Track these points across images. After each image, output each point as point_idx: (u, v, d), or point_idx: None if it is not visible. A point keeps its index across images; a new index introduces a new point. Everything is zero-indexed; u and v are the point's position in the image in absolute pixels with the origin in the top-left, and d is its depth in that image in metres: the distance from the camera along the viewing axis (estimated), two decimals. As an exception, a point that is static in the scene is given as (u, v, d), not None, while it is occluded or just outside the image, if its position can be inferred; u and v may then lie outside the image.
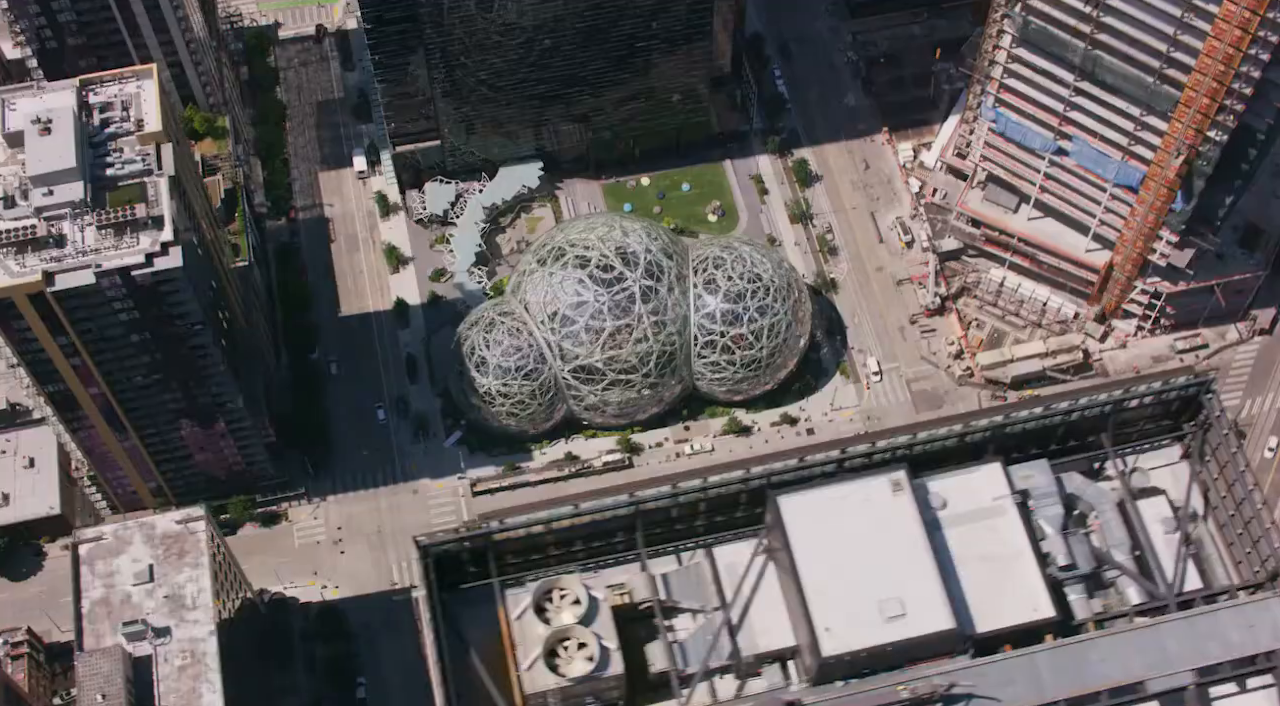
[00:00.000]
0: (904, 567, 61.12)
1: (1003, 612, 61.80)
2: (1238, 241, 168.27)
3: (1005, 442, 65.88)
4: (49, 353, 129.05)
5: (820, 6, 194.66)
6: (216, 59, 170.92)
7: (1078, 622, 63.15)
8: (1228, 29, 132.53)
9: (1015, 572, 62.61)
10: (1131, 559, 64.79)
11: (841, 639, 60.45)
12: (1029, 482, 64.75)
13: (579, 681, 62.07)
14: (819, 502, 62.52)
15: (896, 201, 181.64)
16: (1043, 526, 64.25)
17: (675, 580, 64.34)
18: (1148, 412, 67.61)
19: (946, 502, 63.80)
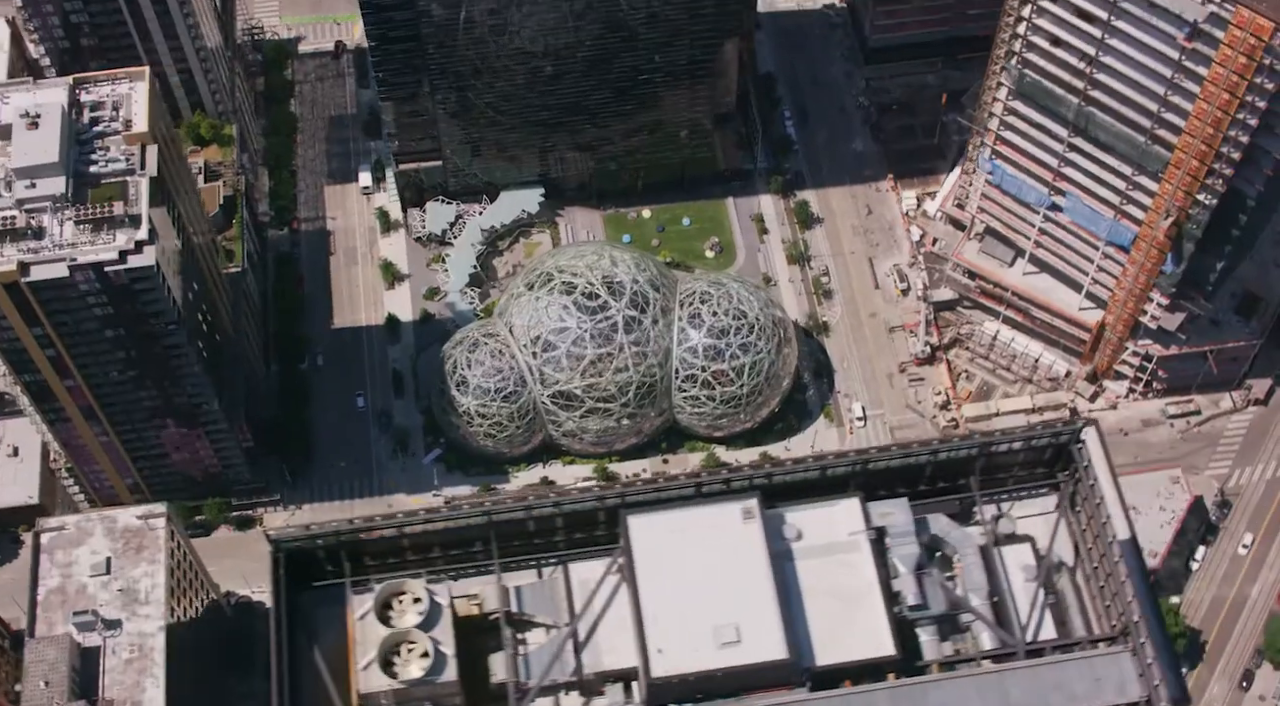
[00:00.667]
0: (745, 595, 61.03)
1: (844, 647, 61.49)
2: (1235, 309, 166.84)
3: (871, 480, 65.78)
4: (24, 342, 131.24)
5: (836, 51, 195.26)
6: (230, 68, 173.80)
7: (924, 663, 62.75)
8: (1216, 92, 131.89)
9: (862, 609, 62.36)
10: (988, 604, 64.32)
11: (673, 661, 60.40)
12: (887, 520, 64.53)
13: (411, 684, 62.45)
14: (668, 524, 62.61)
15: (896, 249, 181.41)
16: (896, 565, 63.95)
17: (528, 593, 64.69)
18: (1020, 459, 67.30)
19: (801, 534, 63.68)
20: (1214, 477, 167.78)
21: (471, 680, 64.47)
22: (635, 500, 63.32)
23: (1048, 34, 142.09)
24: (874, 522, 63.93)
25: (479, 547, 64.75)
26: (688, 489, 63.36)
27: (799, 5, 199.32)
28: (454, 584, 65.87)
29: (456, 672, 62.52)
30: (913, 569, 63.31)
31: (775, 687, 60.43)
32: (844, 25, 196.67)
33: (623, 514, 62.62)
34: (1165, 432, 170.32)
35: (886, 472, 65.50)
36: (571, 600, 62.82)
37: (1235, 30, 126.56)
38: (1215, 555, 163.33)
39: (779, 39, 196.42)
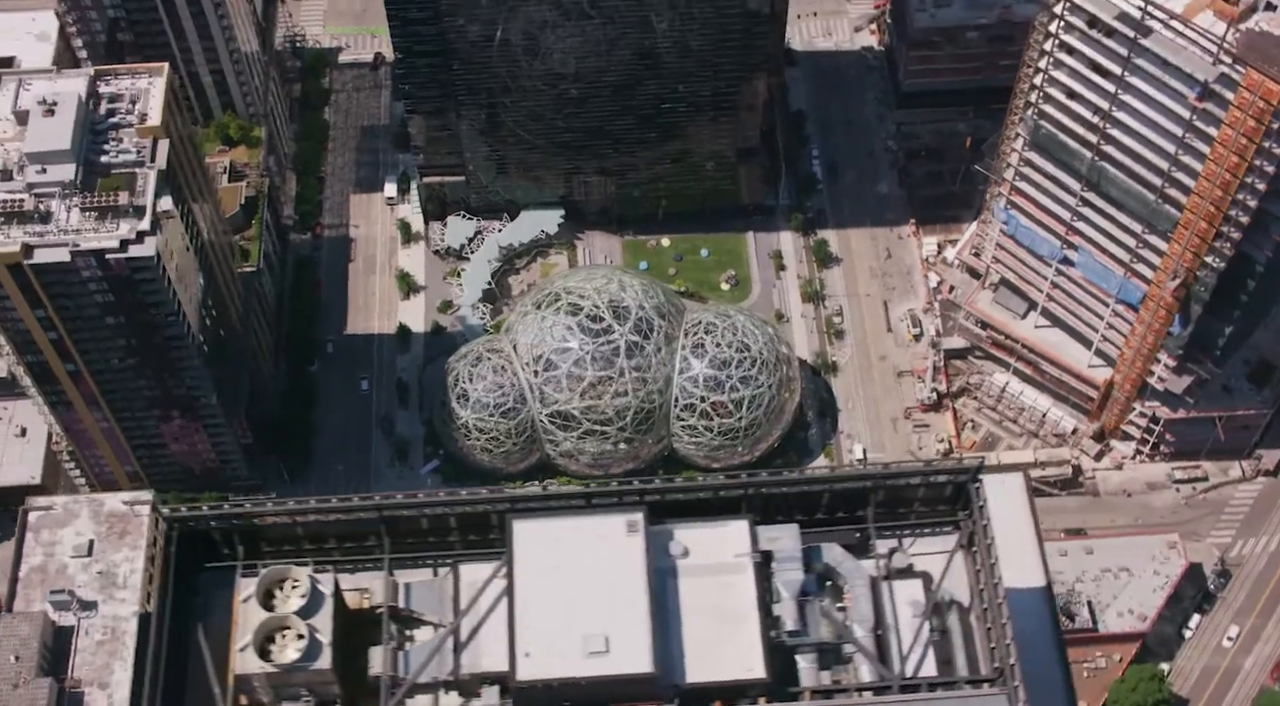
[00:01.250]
0: (618, 607, 61.20)
1: (716, 667, 61.40)
2: (1247, 376, 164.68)
3: (768, 504, 65.84)
4: (27, 323, 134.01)
5: (870, 94, 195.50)
6: (265, 72, 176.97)
7: (797, 690, 62.67)
8: (1225, 154, 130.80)
9: (738, 630, 62.29)
10: (872, 637, 64.06)
11: (538, 666, 60.60)
12: (775, 545, 64.47)
13: (285, 668, 63.22)
14: (552, 532, 62.97)
15: (912, 294, 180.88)
16: (779, 589, 63.82)
17: (416, 590, 65.29)
18: (920, 495, 67.04)
19: (688, 551, 63.82)
20: (1215, 546, 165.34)
21: (352, 672, 65.21)
22: (525, 506, 63.90)
23: (1064, 86, 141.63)
24: (761, 546, 64.00)
25: (373, 542, 65.71)
26: (578, 499, 63.86)
27: (837, 46, 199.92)
28: (350, 577, 66.77)
29: (331, 661, 63.22)
30: (795, 595, 63.25)
31: (642, 702, 60.65)
32: (880, 68, 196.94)
33: (509, 518, 63.22)
34: (1170, 497, 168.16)
35: (782, 498, 65.55)
36: (458, 600, 63.41)
37: (1245, 92, 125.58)
38: (1210, 624, 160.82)
39: (814, 78, 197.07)
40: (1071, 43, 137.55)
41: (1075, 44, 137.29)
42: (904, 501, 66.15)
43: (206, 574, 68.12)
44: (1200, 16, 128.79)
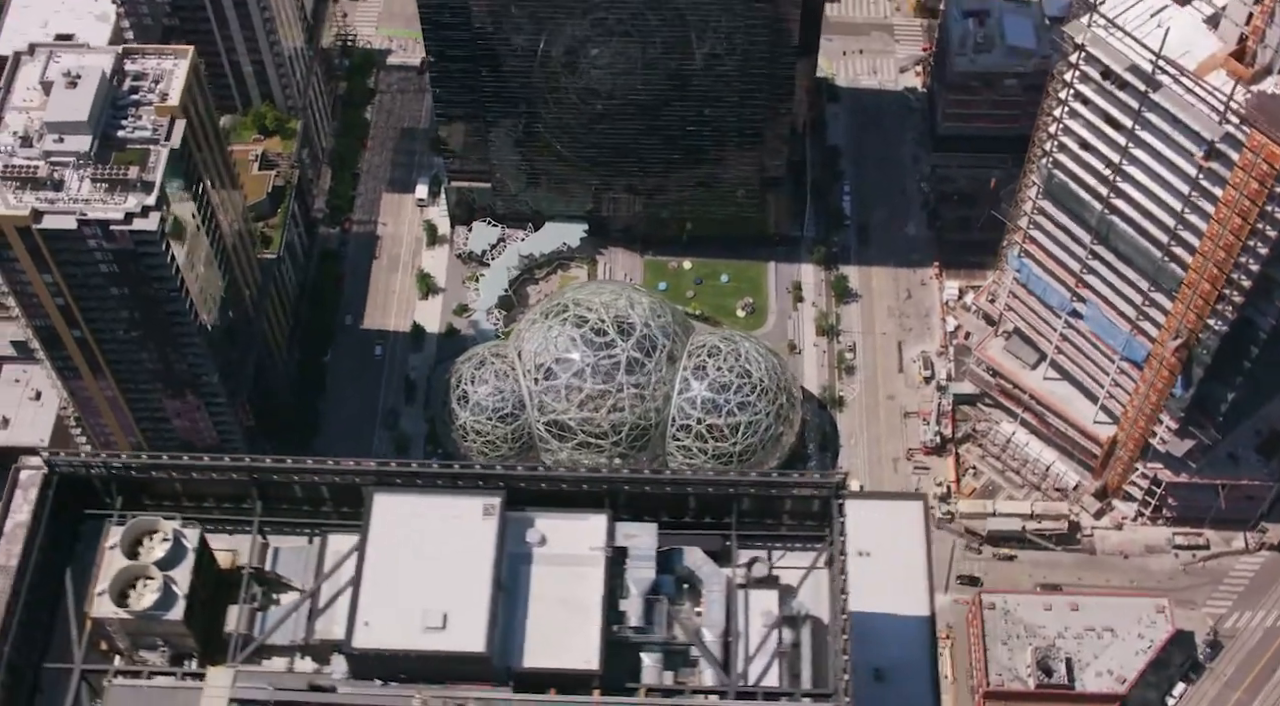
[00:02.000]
0: (462, 586, 62.16)
1: (553, 655, 62.14)
2: (1256, 446, 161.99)
3: (637, 503, 66.49)
4: (35, 287, 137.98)
5: (909, 134, 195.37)
6: (307, 66, 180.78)
7: (633, 686, 63.19)
8: (1228, 215, 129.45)
9: (582, 622, 63.06)
10: (721, 642, 64.41)
11: (375, 635, 61.61)
12: (631, 542, 65.00)
13: (138, 616, 64.73)
14: (411, 507, 64.04)
15: (929, 336, 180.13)
16: (629, 586, 64.36)
17: (284, 555, 66.65)
18: (788, 508, 67.33)
19: (545, 540, 64.68)
20: (1210, 616, 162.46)
21: (210, 629, 66.69)
22: (390, 480, 65.15)
23: (1078, 137, 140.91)
24: (618, 542, 64.66)
25: (248, 504, 67.22)
26: (444, 478, 64.99)
27: (881, 85, 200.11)
28: (229, 538, 68.37)
29: (184, 613, 64.76)
30: (644, 592, 63.80)
31: (478, 682, 61.55)
32: (921, 110, 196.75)
33: (370, 490, 64.53)
34: (1168, 562, 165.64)
35: (654, 499, 66.16)
36: (321, 567, 64.77)
37: (1248, 154, 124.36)
38: (1195, 694, 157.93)
39: (855, 115, 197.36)
40: (1086, 93, 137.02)
41: (1090, 95, 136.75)
42: (772, 512, 66.51)
43: (89, 523, 69.99)
44: (1213, 75, 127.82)
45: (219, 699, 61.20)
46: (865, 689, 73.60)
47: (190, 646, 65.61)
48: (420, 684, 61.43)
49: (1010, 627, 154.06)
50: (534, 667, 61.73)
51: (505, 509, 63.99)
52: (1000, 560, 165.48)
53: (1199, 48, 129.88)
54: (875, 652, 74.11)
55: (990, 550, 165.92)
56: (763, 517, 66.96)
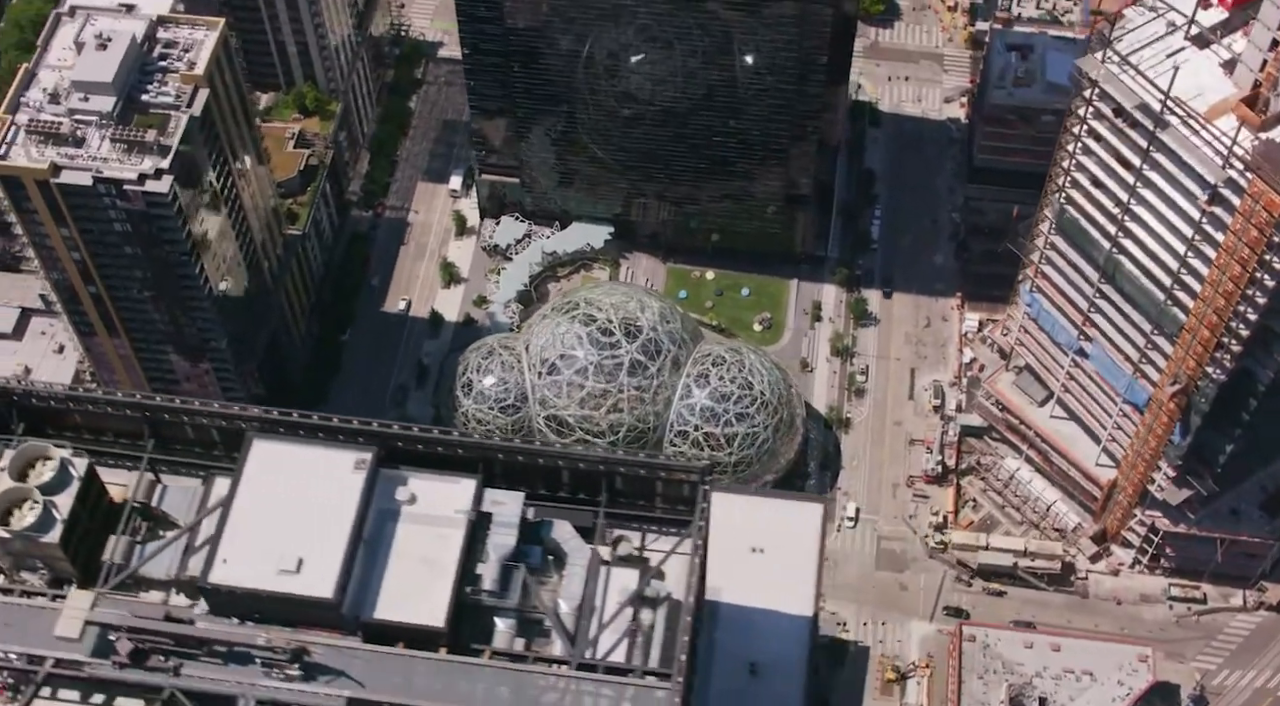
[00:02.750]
0: (322, 535, 63.70)
1: (403, 610, 63.51)
2: (1261, 503, 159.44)
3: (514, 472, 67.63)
4: (53, 241, 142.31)
5: (947, 164, 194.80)
6: (353, 51, 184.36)
7: (479, 647, 64.29)
8: (1228, 262, 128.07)
9: (436, 580, 64.37)
10: (574, 615, 65.40)
11: (230, 573, 63.20)
12: (496, 509, 66.08)
13: (15, 535, 66.89)
14: (287, 455, 65.76)
15: (943, 366, 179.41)
16: (489, 551, 65.56)
17: (171, 492, 68.68)
18: (659, 490, 68.05)
19: (415, 499, 66.09)
20: (1199, 670, 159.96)
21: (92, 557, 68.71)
22: (272, 427, 66.91)
23: (1090, 174, 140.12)
24: (484, 507, 65.96)
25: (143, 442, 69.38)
26: (324, 431, 66.57)
27: (924, 113, 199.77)
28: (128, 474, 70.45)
29: (60, 536, 66.91)
30: (503, 558, 64.92)
31: (327, 628, 63.08)
32: (961, 142, 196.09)
33: (251, 435, 66.39)
34: (1161, 613, 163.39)
35: (523, 467, 67.37)
36: (204, 507, 66.66)
37: (1249, 200, 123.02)
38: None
39: (895, 140, 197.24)
40: (1099, 130, 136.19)
41: (1103, 132, 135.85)
42: (643, 494, 67.38)
43: (-8, 447, 72.33)
44: (1223, 119, 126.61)
45: (75, 619, 63.38)
46: (738, 681, 74.27)
47: (68, 571, 67.89)
48: (274, 625, 63.12)
49: (988, 662, 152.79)
50: (383, 620, 63.17)
51: (379, 465, 65.60)
52: (989, 595, 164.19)
53: (1213, 91, 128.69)
54: (753, 647, 74.73)
55: (980, 584, 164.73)
56: (635, 498, 67.87)
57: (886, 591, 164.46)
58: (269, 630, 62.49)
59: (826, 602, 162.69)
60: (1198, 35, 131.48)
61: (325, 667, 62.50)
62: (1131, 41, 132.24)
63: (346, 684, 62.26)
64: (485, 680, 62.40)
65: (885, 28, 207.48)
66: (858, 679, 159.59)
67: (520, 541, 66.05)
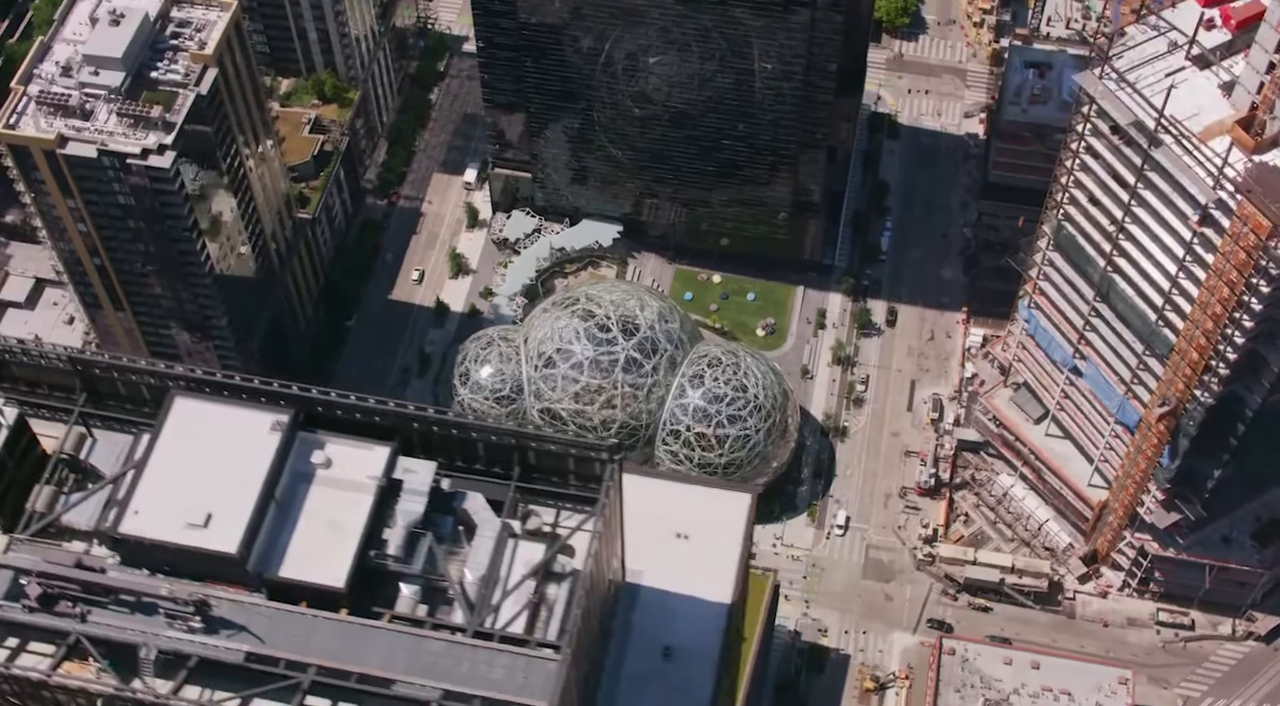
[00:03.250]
0: (233, 492, 64.96)
1: (306, 569, 64.62)
2: (1253, 532, 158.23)
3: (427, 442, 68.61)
4: (60, 211, 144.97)
5: (961, 180, 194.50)
6: (375, 41, 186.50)
7: (380, 611, 65.31)
8: (1217, 284, 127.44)
9: (342, 542, 65.50)
10: (478, 584, 66.33)
11: (140, 524, 64.49)
12: (408, 477, 66.96)
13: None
14: (207, 413, 67.09)
15: (944, 379, 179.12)
16: (397, 517, 66.58)
17: (100, 446, 70.17)
18: (571, 467, 68.86)
19: (330, 462, 67.23)
20: (1181, 697, 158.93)
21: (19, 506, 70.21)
22: (195, 386, 68.28)
23: (1087, 191, 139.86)
24: (396, 475, 67.01)
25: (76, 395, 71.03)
26: (247, 392, 67.87)
27: (942, 127, 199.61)
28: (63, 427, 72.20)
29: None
30: (410, 525, 65.95)
31: (232, 583, 64.37)
32: (978, 158, 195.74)
33: (174, 392, 67.78)
34: (1148, 637, 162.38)
35: (440, 438, 68.36)
36: (130, 461, 68.07)
37: (1238, 222, 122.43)
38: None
39: (911, 153, 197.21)
40: (1097, 147, 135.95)
41: (1100, 149, 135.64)
42: (558, 471, 68.23)
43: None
44: (1218, 140, 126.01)
45: (-13, 561, 65.26)
46: (651, 663, 75.04)
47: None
48: (183, 578, 64.53)
49: (966, 676, 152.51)
50: (286, 578, 64.37)
51: (297, 428, 66.86)
52: (975, 610, 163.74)
53: (1210, 112, 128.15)
54: (669, 631, 75.40)
55: (967, 598, 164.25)
56: (548, 474, 68.74)
57: (871, 601, 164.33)
58: (173, 582, 63.91)
59: (811, 608, 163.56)
60: (1199, 56, 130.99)
61: (227, 622, 63.81)
62: (1131, 59, 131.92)
63: (247, 638, 63.51)
64: (382, 642, 63.44)
65: (910, 41, 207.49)
66: (836, 686, 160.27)
67: (431, 510, 67.11)
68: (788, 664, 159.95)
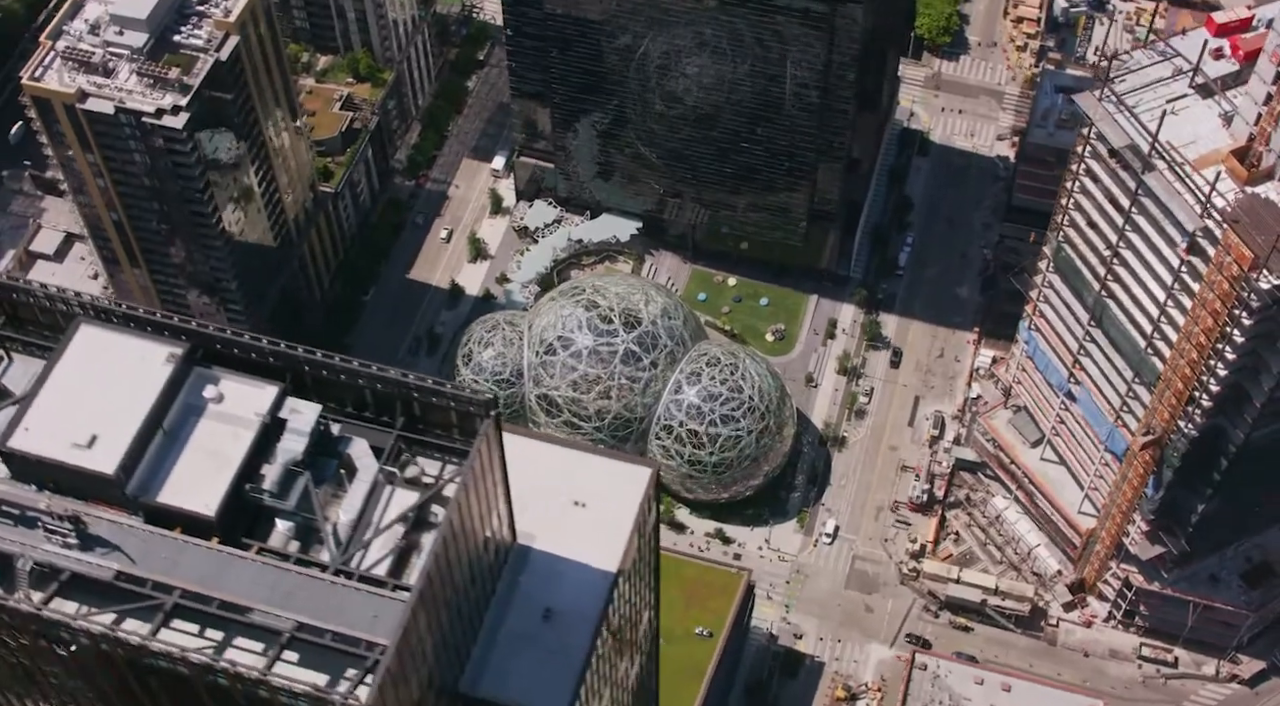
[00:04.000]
0: (121, 417, 67.20)
1: (181, 496, 66.73)
2: (1242, 573, 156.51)
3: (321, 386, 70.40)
4: (80, 165, 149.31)
5: (986, 201, 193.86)
6: (414, 25, 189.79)
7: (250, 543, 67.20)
8: (1202, 314, 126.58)
9: (219, 474, 67.52)
10: (350, 526, 68.14)
11: (28, 441, 66.60)
12: (292, 416, 68.75)
13: None
14: (108, 341, 69.28)
15: (949, 397, 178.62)
16: (276, 455, 68.46)
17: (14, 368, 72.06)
18: (455, 422, 70.30)
19: (222, 397, 69.30)
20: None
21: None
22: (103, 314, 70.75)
23: (1085, 214, 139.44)
24: (281, 414, 68.98)
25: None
26: (148, 324, 70.16)
27: (974, 148, 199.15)
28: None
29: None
30: (288, 463, 67.83)
31: (112, 505, 66.72)
32: (1006, 181, 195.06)
33: (79, 319, 70.36)
34: (1129, 671, 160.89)
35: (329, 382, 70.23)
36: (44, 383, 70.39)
37: (1222, 251, 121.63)
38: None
39: (940, 171, 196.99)
40: (1096, 170, 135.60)
41: (1099, 172, 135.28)
42: (442, 423, 69.91)
43: None
44: (1211, 169, 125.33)
45: None
46: (530, 625, 76.61)
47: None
48: (69, 497, 67.03)
49: (935, 692, 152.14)
50: (162, 504, 66.51)
51: (194, 363, 69.16)
52: (955, 628, 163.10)
53: (1208, 141, 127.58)
54: (552, 594, 76.69)
55: (948, 617, 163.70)
56: (432, 426, 70.41)
57: (852, 611, 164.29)
58: (51, 498, 66.38)
59: (790, 613, 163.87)
60: (1202, 84, 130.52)
61: (103, 540, 66.11)
62: (1134, 82, 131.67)
63: (119, 558, 65.79)
64: (247, 572, 65.39)
65: (951, 60, 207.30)
66: (808, 693, 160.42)
67: (313, 452, 69.03)
68: (761, 666, 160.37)
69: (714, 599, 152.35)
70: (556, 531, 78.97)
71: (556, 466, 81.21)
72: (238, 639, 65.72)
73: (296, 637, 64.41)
